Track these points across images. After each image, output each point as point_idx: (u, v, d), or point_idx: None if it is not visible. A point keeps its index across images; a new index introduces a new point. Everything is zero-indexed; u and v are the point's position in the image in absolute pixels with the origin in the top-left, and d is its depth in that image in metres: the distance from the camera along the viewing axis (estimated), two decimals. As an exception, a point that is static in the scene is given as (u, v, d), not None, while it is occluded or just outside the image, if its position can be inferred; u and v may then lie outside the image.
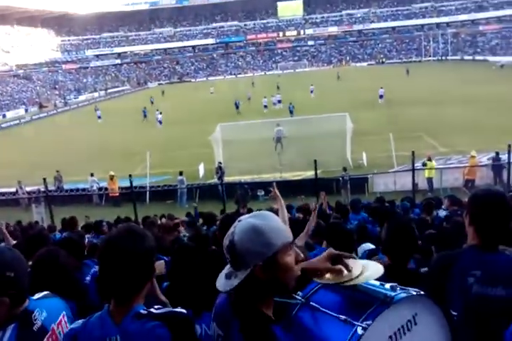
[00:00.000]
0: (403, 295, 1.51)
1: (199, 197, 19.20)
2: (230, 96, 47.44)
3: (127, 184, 17.34)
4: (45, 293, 2.22)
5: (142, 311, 1.75)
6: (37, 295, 2.17)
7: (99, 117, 46.61)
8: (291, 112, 35.36)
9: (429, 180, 17.34)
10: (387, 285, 1.60)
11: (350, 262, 1.72)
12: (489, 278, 2.12)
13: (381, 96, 39.43)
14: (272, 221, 1.56)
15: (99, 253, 1.77)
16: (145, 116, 42.69)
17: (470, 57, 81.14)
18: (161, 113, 39.17)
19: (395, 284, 1.60)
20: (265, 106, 40.28)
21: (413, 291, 1.55)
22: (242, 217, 1.60)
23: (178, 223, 7.88)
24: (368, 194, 17.26)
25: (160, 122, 38.72)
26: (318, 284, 1.72)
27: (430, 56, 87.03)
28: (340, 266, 1.70)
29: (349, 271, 1.68)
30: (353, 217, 8.73)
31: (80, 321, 1.86)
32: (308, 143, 24.28)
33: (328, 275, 1.73)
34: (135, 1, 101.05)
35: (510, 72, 56.18)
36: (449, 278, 2.20)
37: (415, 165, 15.51)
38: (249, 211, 12.52)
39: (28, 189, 20.76)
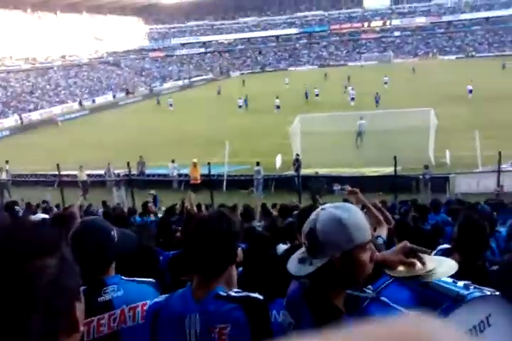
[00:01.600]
0: (477, 294, 1.48)
1: (275, 189, 19.35)
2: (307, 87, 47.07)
3: (206, 171, 17.88)
4: (143, 279, 2.33)
5: (222, 293, 1.80)
6: (130, 278, 2.28)
7: (171, 105, 48.28)
8: (377, 102, 34.98)
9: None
10: (461, 283, 1.59)
11: (425, 257, 1.71)
12: None
13: (470, 91, 37.70)
14: (357, 216, 1.56)
15: (191, 233, 1.88)
16: (241, 105, 42.91)
17: None
18: (245, 98, 41.23)
19: (469, 282, 1.58)
20: (352, 99, 38.77)
21: (487, 291, 1.52)
22: (325, 206, 1.61)
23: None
24: (449, 194, 16.61)
25: (240, 106, 40.35)
26: (390, 279, 1.72)
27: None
28: (413, 260, 1.69)
29: (423, 264, 1.67)
30: (432, 217, 8.53)
31: (163, 296, 1.96)
32: (389, 138, 23.59)
33: (401, 268, 1.71)
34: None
35: None
36: None
37: (502, 166, 14.83)
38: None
39: (116, 171, 21.68)
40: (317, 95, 43.64)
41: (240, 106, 40.49)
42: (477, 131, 19.99)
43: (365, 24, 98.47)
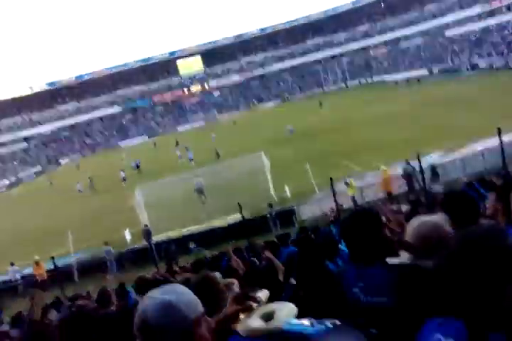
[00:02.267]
0: (319, 329, 1.49)
1: (131, 263, 18.42)
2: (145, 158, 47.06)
3: (52, 266, 16.43)
4: None
5: None
6: None
7: None
8: (218, 156, 36.37)
9: (353, 198, 17.57)
10: (305, 322, 1.58)
11: (257, 293, 1.77)
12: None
13: (291, 131, 40.34)
14: (184, 294, 1.53)
15: None
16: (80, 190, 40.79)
17: (369, 80, 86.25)
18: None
19: (311, 319, 1.59)
20: (191, 160, 39.01)
21: (329, 323, 1.53)
22: (152, 292, 1.53)
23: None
24: (297, 224, 17.19)
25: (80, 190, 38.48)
26: (239, 337, 1.69)
27: (331, 86, 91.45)
28: (248, 302, 1.72)
29: (257, 302, 1.71)
30: (283, 250, 8.58)
31: None
32: (231, 186, 24.27)
33: (242, 316, 1.73)
34: (32, 84, 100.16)
35: (403, 88, 60.18)
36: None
37: (335, 188, 15.74)
38: (183, 267, 12.02)
39: None
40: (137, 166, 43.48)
41: (80, 191, 38.55)
42: (307, 163, 21.38)
43: (185, 90, 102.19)
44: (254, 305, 1.71)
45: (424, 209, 8.81)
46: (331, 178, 14.90)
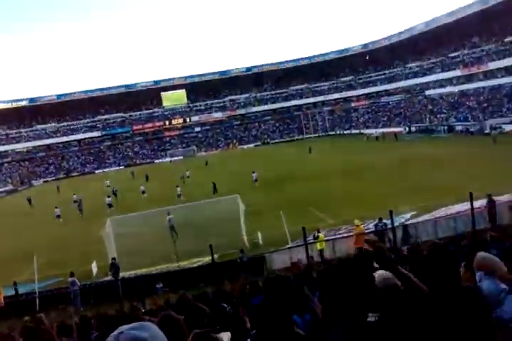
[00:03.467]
0: None
1: (95, 297, 18.14)
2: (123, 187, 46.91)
3: (13, 292, 16.20)
4: None
5: None
6: None
7: None
8: (178, 196, 36.12)
9: (321, 252, 17.84)
10: None
11: (221, 334, 1.76)
12: None
13: (256, 180, 39.15)
14: (156, 332, 1.53)
15: None
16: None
17: (347, 131, 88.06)
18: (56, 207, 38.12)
19: None
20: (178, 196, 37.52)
21: None
22: (122, 328, 1.53)
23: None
24: (266, 272, 17.31)
25: (58, 216, 37.35)
26: None
27: (311, 133, 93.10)
28: None
29: None
30: (254, 300, 8.63)
31: None
32: (203, 227, 24.30)
33: None
34: (14, 98, 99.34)
35: (382, 142, 61.61)
36: None
37: (307, 239, 16.05)
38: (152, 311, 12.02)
39: None
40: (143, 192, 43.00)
41: (59, 216, 37.42)
42: (281, 211, 21.65)
43: (167, 122, 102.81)
44: None
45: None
46: (303, 228, 15.16)
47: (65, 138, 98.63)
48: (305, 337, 2.73)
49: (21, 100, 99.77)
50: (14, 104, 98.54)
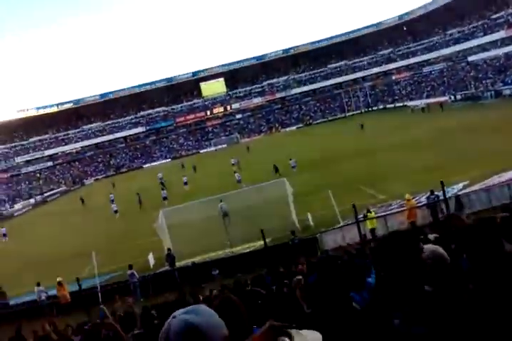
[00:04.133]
0: None
1: (153, 287, 18.58)
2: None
3: (77, 288, 16.73)
4: None
5: None
6: None
7: (5, 235, 42.48)
8: (239, 182, 35.65)
9: (372, 231, 17.52)
10: None
11: (292, 331, 1.66)
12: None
13: (293, 167, 37.67)
14: (208, 316, 1.50)
15: None
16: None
17: (391, 105, 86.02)
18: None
19: None
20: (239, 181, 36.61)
21: None
22: (176, 313, 1.51)
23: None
24: (319, 253, 17.22)
25: (115, 211, 38.17)
26: None
27: (353, 110, 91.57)
28: (282, 338, 1.63)
29: (291, 339, 1.63)
30: (310, 278, 8.62)
31: None
32: (253, 213, 24.29)
33: None
34: (59, 102, 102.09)
35: (426, 114, 59.94)
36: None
37: (359, 216, 15.85)
38: (208, 299, 12.16)
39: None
40: (185, 183, 43.60)
41: (116, 212, 38.21)
42: (330, 190, 21.42)
43: (208, 112, 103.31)
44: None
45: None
46: (353, 205, 14.99)
47: (111, 136, 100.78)
48: (362, 312, 2.66)
49: (66, 103, 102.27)
50: (60, 107, 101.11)
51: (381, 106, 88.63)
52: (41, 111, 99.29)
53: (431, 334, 1.91)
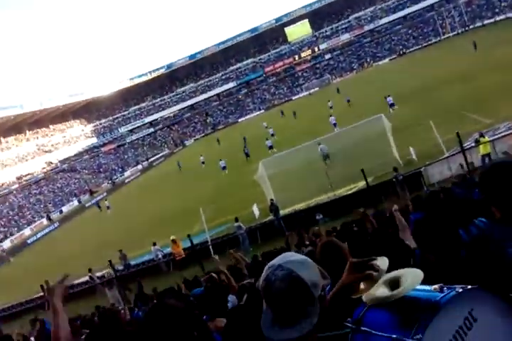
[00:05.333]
0: (450, 295, 1.42)
1: (261, 238, 18.78)
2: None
3: (189, 244, 17.32)
4: None
5: None
6: None
7: (108, 208, 45.04)
8: (334, 125, 34.24)
9: (486, 156, 16.09)
10: (434, 287, 1.52)
11: (376, 262, 1.68)
12: None
13: (392, 105, 34.20)
14: (313, 270, 1.52)
15: None
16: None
17: (491, 20, 78.35)
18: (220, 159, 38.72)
19: (441, 285, 1.51)
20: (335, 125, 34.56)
21: (460, 288, 1.45)
22: (280, 260, 1.51)
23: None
24: (426, 187, 16.29)
25: (224, 168, 37.93)
26: (365, 306, 1.63)
27: (448, 33, 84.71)
28: (367, 272, 1.65)
29: (377, 271, 1.64)
30: (414, 215, 8.06)
31: None
32: (353, 153, 23.75)
33: (362, 286, 1.69)
34: (152, 68, 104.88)
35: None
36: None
37: (464, 144, 14.63)
38: (311, 242, 11.91)
39: (98, 274, 20.93)
40: (272, 135, 43.43)
41: (224, 168, 37.95)
42: (431, 120, 20.08)
43: (296, 57, 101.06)
44: (374, 273, 1.64)
45: None
46: (457, 133, 13.88)
47: (204, 96, 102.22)
48: (471, 245, 2.28)
49: (158, 69, 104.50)
50: (153, 74, 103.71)
51: (479, 24, 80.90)
52: (136, 81, 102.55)
53: None
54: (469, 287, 1.47)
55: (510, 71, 28.88)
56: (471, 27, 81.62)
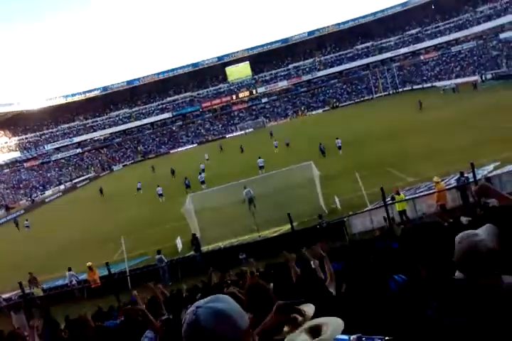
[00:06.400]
0: None
1: (182, 272, 18.69)
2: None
3: (106, 272, 16.93)
4: None
5: None
6: None
7: (27, 227, 42.63)
8: (260, 168, 35.12)
9: (402, 213, 17.17)
10: (353, 337, 1.58)
11: (302, 307, 1.72)
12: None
13: (340, 148, 36.27)
14: (235, 304, 1.52)
15: None
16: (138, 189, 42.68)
17: (419, 86, 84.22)
18: (158, 186, 37.65)
19: (360, 335, 1.57)
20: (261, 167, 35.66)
21: (378, 339, 1.53)
22: (198, 303, 1.51)
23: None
24: (348, 237, 17.06)
25: (160, 195, 36.95)
26: None
27: (380, 92, 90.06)
28: (293, 315, 1.68)
29: (302, 315, 1.68)
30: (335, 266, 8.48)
31: None
32: (280, 197, 24.29)
33: (286, 328, 1.71)
34: (87, 89, 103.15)
35: (461, 93, 58.33)
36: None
37: (386, 199, 15.56)
38: (236, 283, 12.13)
39: (4, 296, 19.95)
40: (203, 170, 43.61)
41: (161, 195, 36.88)
42: (356, 172, 21.16)
43: (234, 96, 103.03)
44: (299, 318, 1.68)
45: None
46: (381, 188, 14.72)
47: (138, 123, 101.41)
48: (394, 299, 2.58)
49: (94, 90, 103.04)
50: (88, 95, 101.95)
51: (408, 88, 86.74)
52: (69, 99, 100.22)
53: (466, 325, 1.81)
54: (387, 338, 1.55)
55: (430, 134, 31.31)
56: (401, 89, 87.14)
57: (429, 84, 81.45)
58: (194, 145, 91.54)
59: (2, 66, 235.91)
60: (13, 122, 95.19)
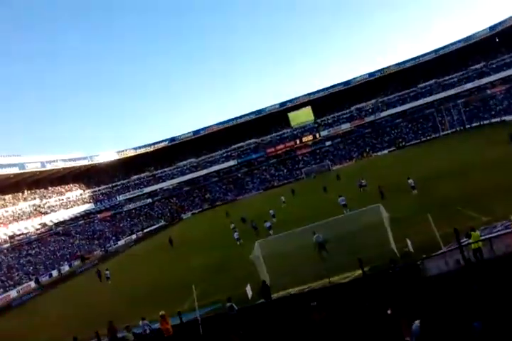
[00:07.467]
0: None
1: (251, 320, 18.45)
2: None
3: (178, 321, 17.04)
4: None
5: None
6: None
7: (108, 278, 42.14)
8: (344, 206, 34.67)
9: (477, 251, 16.28)
10: None
11: None
12: None
13: (413, 188, 35.06)
14: None
15: None
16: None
17: (486, 121, 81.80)
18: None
19: None
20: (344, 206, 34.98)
21: None
22: None
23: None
24: (423, 281, 16.35)
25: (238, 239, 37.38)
26: None
27: (447, 129, 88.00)
28: None
29: None
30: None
31: None
32: (349, 241, 23.80)
33: None
34: (155, 140, 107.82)
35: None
36: None
37: (462, 240, 14.95)
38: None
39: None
40: (273, 216, 43.65)
41: (238, 239, 37.34)
42: (429, 214, 20.50)
43: (297, 141, 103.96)
44: None
45: None
46: (455, 229, 14.19)
47: (205, 171, 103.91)
48: None
49: (162, 141, 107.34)
50: (156, 146, 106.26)
51: (476, 124, 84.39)
52: (138, 151, 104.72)
53: None
54: None
55: (499, 170, 30.04)
56: (469, 126, 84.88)
57: (497, 119, 78.92)
58: (260, 191, 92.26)
59: (75, 121, 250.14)
60: (87, 175, 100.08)
